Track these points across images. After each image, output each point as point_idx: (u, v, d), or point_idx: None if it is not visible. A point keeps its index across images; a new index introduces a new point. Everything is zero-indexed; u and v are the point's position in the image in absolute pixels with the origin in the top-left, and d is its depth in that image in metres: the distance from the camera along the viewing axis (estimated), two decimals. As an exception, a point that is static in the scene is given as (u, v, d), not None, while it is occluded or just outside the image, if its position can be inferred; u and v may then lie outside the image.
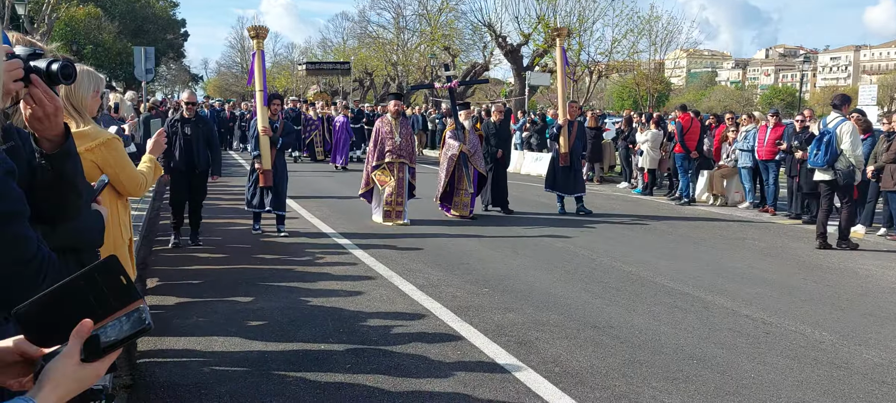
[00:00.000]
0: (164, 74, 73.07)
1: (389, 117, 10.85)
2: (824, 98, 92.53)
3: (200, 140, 8.46)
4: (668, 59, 47.04)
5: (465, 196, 11.19)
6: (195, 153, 8.40)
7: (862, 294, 7.09)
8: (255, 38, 10.03)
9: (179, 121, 8.53)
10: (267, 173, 9.26)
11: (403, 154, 10.59)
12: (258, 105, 9.65)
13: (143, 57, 21.72)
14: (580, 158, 12.60)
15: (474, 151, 11.29)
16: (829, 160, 9.12)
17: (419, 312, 6.03)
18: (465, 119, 11.45)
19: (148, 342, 5.16)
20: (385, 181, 10.43)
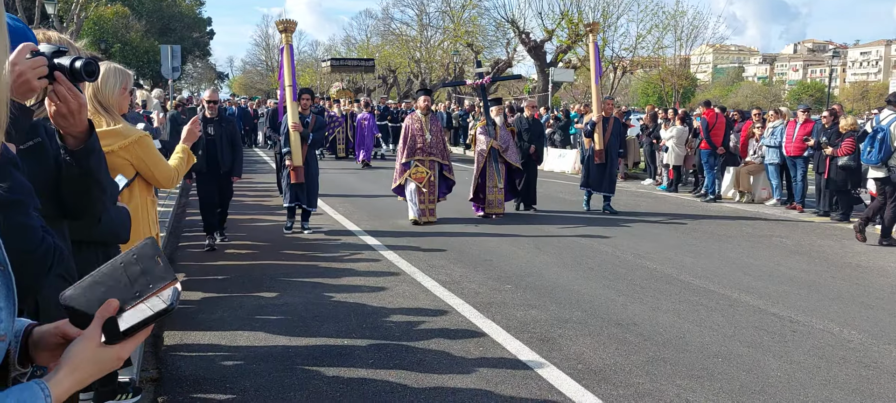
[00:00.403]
0: (191, 72, 73.87)
1: (419, 114, 10.58)
2: (854, 93, 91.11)
3: (224, 139, 8.20)
4: (694, 54, 46.47)
5: (497, 193, 10.99)
6: (219, 153, 8.14)
7: (892, 292, 6.97)
8: (284, 33, 9.81)
9: (202, 121, 8.42)
10: (298, 169, 9.16)
11: (434, 151, 10.38)
12: (288, 100, 9.45)
13: (169, 55, 21.95)
14: (616, 156, 12.29)
15: (506, 147, 11.09)
16: (882, 157, 9.09)
17: (442, 308, 6.04)
18: (496, 115, 11.29)
19: (174, 336, 5.23)
20: (422, 177, 10.23)
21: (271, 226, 9.77)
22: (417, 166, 10.25)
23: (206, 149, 8.07)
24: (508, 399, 4.21)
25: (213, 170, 8.16)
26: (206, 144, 8.04)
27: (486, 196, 10.98)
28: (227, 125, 8.39)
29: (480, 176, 10.98)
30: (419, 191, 10.16)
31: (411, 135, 10.36)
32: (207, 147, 8.08)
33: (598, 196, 12.03)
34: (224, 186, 8.37)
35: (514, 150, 11.28)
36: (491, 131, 11.07)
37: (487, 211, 10.93)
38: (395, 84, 51.04)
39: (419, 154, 10.29)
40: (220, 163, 8.14)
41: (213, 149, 8.12)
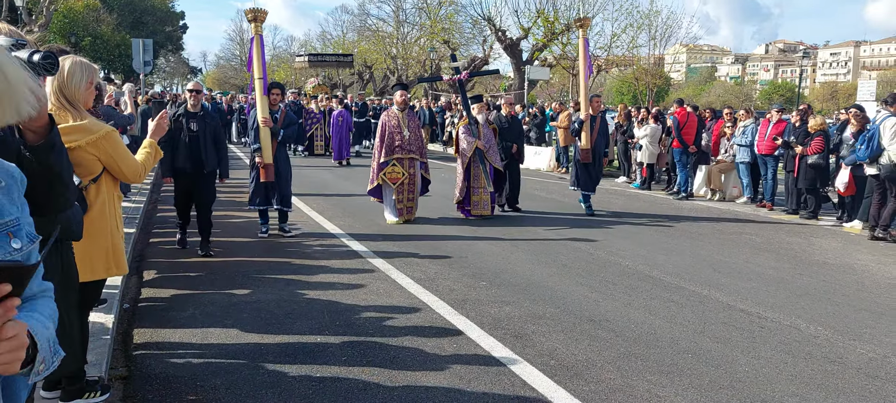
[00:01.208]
0: (163, 67, 73.02)
1: (396, 110, 10.16)
2: (824, 94, 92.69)
3: (208, 136, 7.59)
4: (668, 53, 46.95)
5: (484, 194, 10.62)
6: (202, 151, 7.53)
7: (858, 289, 7.11)
8: (253, 22, 9.08)
9: (184, 116, 7.65)
10: (268, 167, 8.71)
11: (413, 149, 10.03)
12: (257, 94, 8.93)
13: (141, 49, 21.68)
14: (602, 156, 12.02)
15: (489, 146, 10.72)
16: (870, 155, 9.39)
17: (416, 305, 6.03)
18: (477, 112, 10.81)
19: (144, 334, 5.17)
20: (397, 177, 9.92)
21: (244, 223, 9.68)
22: (394, 166, 9.93)
23: (188, 148, 7.50)
24: (481, 396, 4.22)
25: (197, 170, 7.58)
26: (189, 142, 7.50)
27: (470, 197, 10.66)
28: (212, 121, 7.81)
29: (466, 178, 10.62)
30: (399, 190, 9.93)
31: (388, 132, 10.00)
32: (190, 145, 7.51)
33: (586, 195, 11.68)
34: (204, 188, 7.74)
35: (496, 150, 10.97)
36: (473, 130, 10.67)
37: (474, 213, 10.62)
38: (371, 80, 50.89)
39: (398, 152, 9.96)
40: (205, 162, 7.56)
41: (196, 146, 7.53)
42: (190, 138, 7.52)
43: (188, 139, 7.52)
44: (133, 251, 7.75)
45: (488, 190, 10.59)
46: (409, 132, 10.03)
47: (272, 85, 9.05)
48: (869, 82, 32.57)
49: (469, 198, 10.64)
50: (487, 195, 10.63)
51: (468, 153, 10.52)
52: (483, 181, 10.55)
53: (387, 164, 9.94)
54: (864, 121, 11.07)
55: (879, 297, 6.81)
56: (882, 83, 78.32)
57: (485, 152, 10.57)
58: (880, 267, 8.23)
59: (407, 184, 10.00)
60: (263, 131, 8.69)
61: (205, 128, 7.62)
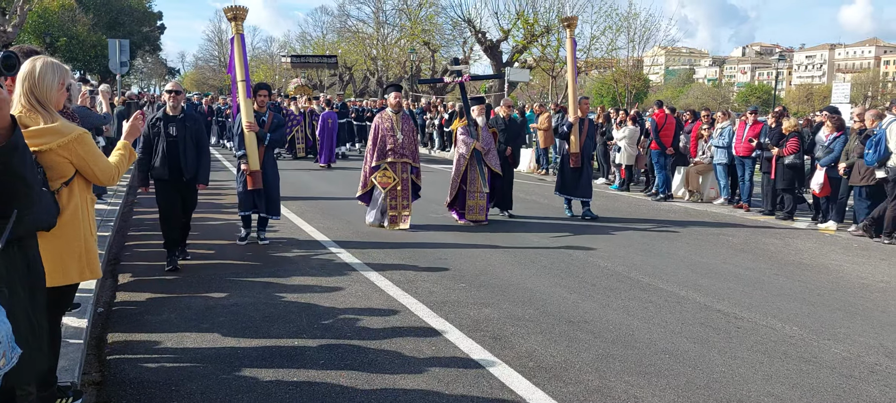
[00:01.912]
0: (140, 67, 72.34)
1: (390, 112, 9.80)
2: (799, 96, 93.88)
3: (188, 141, 7.05)
4: (647, 56, 47.33)
5: (480, 198, 10.29)
6: (182, 157, 7.00)
7: (832, 289, 7.19)
8: (233, 21, 8.49)
9: (162, 119, 7.09)
10: (255, 174, 8.21)
11: (406, 153, 9.69)
12: (241, 97, 8.35)
13: (117, 49, 21.47)
14: (590, 159, 11.77)
15: (488, 149, 10.39)
16: (878, 158, 9.60)
17: (395, 308, 6.01)
18: (478, 115, 10.47)
19: (118, 338, 5.11)
20: (388, 182, 9.58)
21: (221, 225, 9.60)
22: (385, 170, 9.61)
23: (167, 153, 6.98)
24: (460, 399, 4.21)
25: (176, 177, 7.06)
26: (168, 147, 6.99)
27: (466, 201, 10.35)
28: (193, 124, 7.20)
29: (462, 180, 10.31)
30: (391, 195, 9.60)
31: (381, 135, 9.65)
32: (169, 150, 6.99)
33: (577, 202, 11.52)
34: (186, 196, 7.27)
35: (495, 154, 10.63)
36: (473, 132, 10.34)
37: (469, 217, 10.31)
38: (351, 81, 50.75)
39: (390, 155, 9.62)
40: (184, 168, 7.02)
41: (176, 152, 7.01)
42: (168, 143, 6.99)
43: (166, 145, 6.98)
44: (108, 254, 7.64)
45: (484, 193, 10.28)
46: (403, 135, 9.69)
47: (259, 86, 8.59)
48: (843, 85, 33.04)
49: (464, 202, 10.36)
50: (483, 200, 10.33)
51: (466, 155, 10.27)
52: (479, 184, 10.26)
53: (378, 168, 9.63)
54: (839, 124, 11.23)
55: (853, 297, 6.90)
56: (856, 85, 79.60)
57: (483, 154, 10.32)
58: (854, 267, 8.34)
59: (399, 190, 9.64)
60: (249, 136, 8.23)
61: (185, 133, 7.06)
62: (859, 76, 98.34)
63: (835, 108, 12.10)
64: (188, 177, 7.10)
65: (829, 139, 11.08)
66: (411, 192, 9.86)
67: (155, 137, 7.06)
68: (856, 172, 10.30)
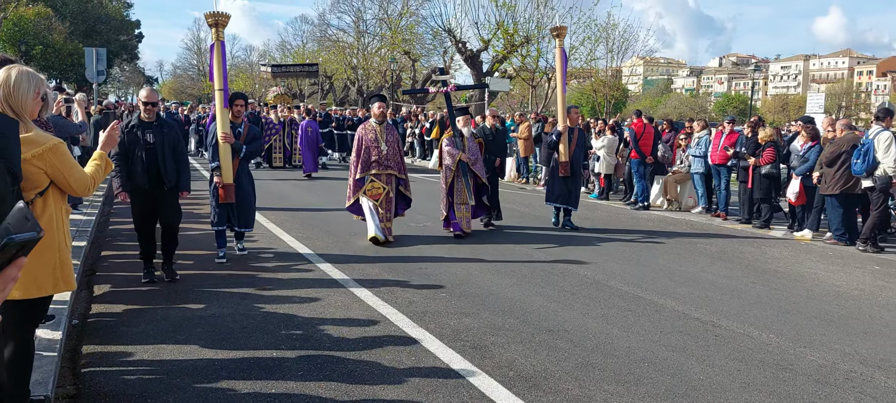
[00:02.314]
0: (118, 76, 71.72)
1: (374, 123, 9.52)
2: (775, 106, 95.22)
3: (166, 148, 6.83)
4: (625, 66, 47.76)
5: (465, 210, 10.11)
6: (162, 164, 6.78)
7: (808, 297, 7.28)
8: (214, 27, 8.14)
9: (138, 127, 6.85)
10: (228, 188, 7.89)
11: (391, 165, 9.44)
12: (217, 106, 8.06)
13: (94, 58, 21.27)
14: (581, 168, 11.67)
15: (475, 160, 10.22)
16: (867, 169, 9.73)
17: (374, 318, 5.99)
18: (463, 125, 10.31)
19: (93, 350, 5.03)
20: (378, 193, 9.35)
21: (199, 236, 9.51)
22: (373, 182, 9.35)
23: (145, 161, 6.74)
24: (439, 409, 4.20)
25: (156, 186, 6.86)
26: (146, 154, 6.75)
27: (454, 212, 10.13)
28: (170, 132, 6.99)
29: (449, 192, 10.14)
30: (376, 210, 9.31)
31: (365, 146, 9.38)
32: (148, 157, 6.76)
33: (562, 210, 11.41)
34: (167, 205, 6.98)
35: (482, 164, 10.47)
36: (458, 143, 10.16)
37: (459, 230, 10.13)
38: (332, 90, 50.66)
39: (375, 167, 9.36)
40: (164, 177, 6.82)
41: (154, 160, 6.79)
42: (147, 151, 6.76)
43: (145, 152, 6.75)
44: (83, 265, 7.54)
45: (470, 205, 10.11)
46: (387, 147, 9.43)
47: (235, 95, 8.30)
48: (818, 95, 33.54)
49: (453, 213, 10.15)
50: (468, 211, 10.15)
51: (452, 166, 10.04)
52: (465, 196, 10.08)
53: (364, 181, 9.39)
54: (813, 134, 11.40)
55: (828, 305, 6.98)
56: (830, 96, 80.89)
57: (470, 165, 10.15)
58: (829, 275, 8.45)
59: (385, 203, 9.42)
60: (223, 148, 7.89)
61: (163, 140, 6.83)
62: (833, 86, 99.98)
63: (809, 118, 12.30)
64: (170, 185, 6.88)
65: (804, 148, 11.24)
66: (399, 205, 9.71)
67: (132, 145, 6.80)
68: (824, 182, 10.47)
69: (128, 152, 6.81)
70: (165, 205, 6.96)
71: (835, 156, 10.27)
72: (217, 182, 7.95)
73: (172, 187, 6.93)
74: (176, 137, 7.05)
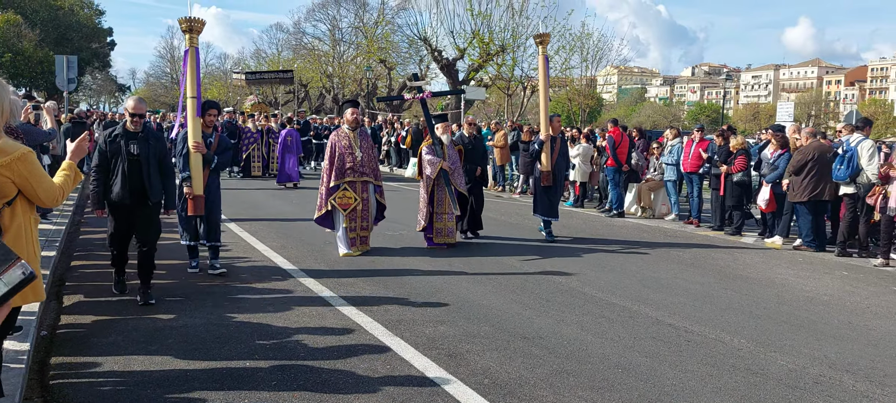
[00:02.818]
0: (90, 84, 70.78)
1: (346, 129, 9.29)
2: (746, 114, 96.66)
3: (151, 161, 6.41)
4: (600, 75, 48.23)
5: (448, 220, 9.89)
6: (146, 179, 6.36)
7: (778, 303, 7.39)
8: (188, 33, 7.79)
9: (122, 136, 6.42)
10: (198, 200, 7.53)
11: (366, 171, 9.22)
12: (189, 115, 7.71)
13: (65, 66, 20.99)
14: (562, 179, 11.44)
15: (454, 168, 9.95)
16: (851, 175, 10.04)
17: (349, 327, 5.96)
18: (442, 132, 10.03)
19: (63, 360, 4.95)
20: (348, 203, 9.11)
21: (171, 244, 9.37)
22: (345, 190, 9.12)
23: (128, 173, 6.32)
24: (414, 417, 4.19)
25: (139, 202, 6.41)
26: (129, 167, 6.32)
27: (433, 224, 9.92)
28: (157, 143, 6.55)
29: (430, 202, 9.88)
30: (350, 217, 9.12)
31: (339, 153, 9.13)
32: (131, 170, 6.33)
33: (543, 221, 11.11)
34: (147, 222, 6.54)
35: (461, 173, 10.21)
36: (438, 151, 9.88)
37: (438, 241, 9.91)
38: (307, 99, 50.47)
39: (349, 174, 9.13)
40: (149, 191, 6.39)
41: (138, 173, 6.36)
42: (130, 163, 6.32)
43: (127, 164, 6.31)
44: (52, 275, 7.42)
45: (454, 214, 9.88)
46: (362, 153, 9.21)
47: (208, 104, 8.00)
48: (787, 104, 34.19)
49: (432, 225, 9.93)
50: (452, 221, 9.96)
51: (433, 175, 9.79)
52: (447, 205, 9.84)
53: (337, 189, 9.11)
54: (783, 142, 11.58)
55: (798, 310, 7.09)
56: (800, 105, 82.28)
57: (450, 174, 9.86)
58: (798, 281, 8.58)
59: (360, 211, 9.20)
60: (194, 158, 7.53)
61: (148, 151, 6.40)
62: (803, 95, 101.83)
63: (780, 126, 12.49)
64: (154, 200, 6.48)
65: (774, 156, 11.41)
66: (374, 212, 9.49)
67: (114, 156, 6.36)
68: (793, 189, 10.65)
69: (109, 164, 6.40)
70: (144, 222, 6.51)
71: (802, 163, 10.46)
72: (187, 193, 7.57)
73: (156, 203, 6.54)
74: (163, 149, 6.63)
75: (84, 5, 52.83)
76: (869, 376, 5.15)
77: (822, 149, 10.57)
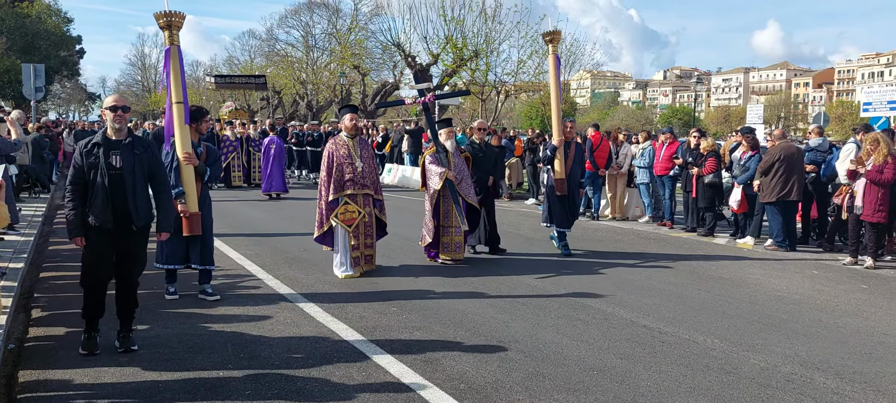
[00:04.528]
0: (58, 93, 69.67)
1: (345, 137, 8.40)
2: (718, 117, 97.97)
3: (138, 175, 5.24)
4: (574, 79, 48.61)
5: (455, 234, 9.08)
6: (131, 196, 5.18)
7: (750, 303, 7.48)
8: (167, 30, 6.79)
9: (101, 146, 5.20)
10: (194, 217, 6.66)
11: (367, 183, 8.33)
12: (176, 123, 6.71)
13: (32, 74, 20.65)
14: (577, 187, 10.52)
15: (462, 178, 9.16)
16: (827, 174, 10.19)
17: (324, 334, 5.92)
18: (446, 139, 9.23)
19: (30, 375, 4.85)
20: (352, 218, 8.21)
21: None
22: (347, 204, 8.22)
23: (110, 191, 5.11)
24: (390, 424, 4.17)
25: (122, 225, 5.20)
26: (111, 183, 5.12)
27: (439, 239, 9.14)
28: (145, 153, 5.34)
29: (434, 215, 9.13)
30: (355, 234, 8.23)
31: (337, 164, 8.21)
32: (112, 186, 5.12)
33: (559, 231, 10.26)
34: (133, 250, 5.38)
35: (469, 183, 9.36)
36: (443, 159, 9.06)
37: (445, 258, 9.12)
38: (280, 105, 50.16)
39: (349, 186, 8.22)
40: (133, 212, 5.20)
41: (122, 189, 5.15)
42: (111, 178, 5.13)
43: (108, 180, 5.12)
44: (21, 287, 7.27)
45: (462, 229, 9.07)
46: (363, 163, 8.31)
47: (197, 110, 7.12)
48: (757, 106, 34.74)
49: (437, 240, 9.16)
50: (460, 236, 9.15)
51: (437, 186, 8.97)
52: (454, 219, 9.03)
53: (337, 203, 8.23)
54: (754, 143, 11.75)
55: (769, 309, 7.19)
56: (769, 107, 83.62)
57: (457, 184, 9.04)
58: (770, 280, 8.70)
59: (363, 226, 8.32)
60: (186, 170, 6.66)
61: (134, 163, 5.22)
62: (772, 98, 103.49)
63: (749, 128, 12.68)
64: (140, 224, 5.28)
65: (745, 158, 11.57)
66: (376, 229, 8.58)
67: (91, 169, 5.17)
68: (762, 190, 10.81)
69: (85, 179, 5.21)
70: (127, 251, 5.34)
71: (769, 164, 10.62)
72: (182, 211, 6.62)
73: (143, 227, 5.37)
74: (153, 161, 5.45)
75: (52, 13, 51.96)
76: (839, 373, 5.23)
77: (789, 149, 10.74)
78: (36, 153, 15.33)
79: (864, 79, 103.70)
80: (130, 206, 5.18)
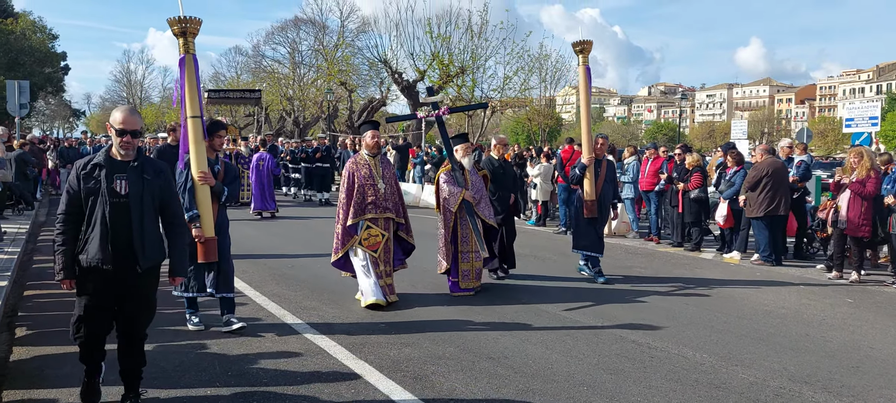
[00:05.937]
0: (43, 109, 69.20)
1: (366, 155, 7.72)
2: (702, 132, 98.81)
3: (147, 205, 4.32)
4: (559, 95, 48.87)
5: (476, 260, 8.32)
6: (137, 232, 4.25)
7: (738, 317, 7.51)
8: (182, 37, 6.19)
9: (104, 167, 4.26)
10: (210, 243, 6.12)
11: (389, 205, 7.69)
12: (191, 139, 6.16)
13: (16, 91, 20.48)
14: (609, 208, 9.65)
15: (479, 198, 8.48)
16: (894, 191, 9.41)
17: (312, 351, 5.88)
18: (462, 155, 8.48)
19: (15, 395, 4.78)
20: (377, 242, 7.57)
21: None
22: (370, 228, 7.57)
23: (109, 224, 4.17)
24: (380, 442, 4.14)
25: (123, 266, 4.23)
26: (112, 213, 4.19)
27: (458, 265, 8.33)
28: (156, 177, 4.41)
29: (452, 239, 8.39)
30: (375, 262, 7.57)
31: (358, 185, 7.58)
32: (114, 218, 4.19)
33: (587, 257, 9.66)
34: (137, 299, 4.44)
35: (488, 204, 8.68)
36: (459, 178, 8.38)
37: (464, 286, 8.29)
38: (267, 121, 50.05)
39: (371, 210, 7.58)
40: (138, 250, 4.25)
41: (125, 222, 4.23)
42: (112, 207, 4.21)
43: (109, 209, 4.20)
44: (5, 305, 7.18)
45: (482, 255, 8.35)
46: (385, 184, 7.67)
47: (215, 124, 6.57)
48: (741, 122, 35.05)
49: (457, 268, 8.36)
50: (480, 262, 8.40)
51: (453, 207, 8.29)
52: (473, 243, 8.27)
53: (358, 228, 7.57)
54: (738, 158, 11.86)
55: (757, 324, 7.22)
56: (753, 123, 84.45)
57: (474, 205, 8.40)
58: (757, 295, 8.75)
59: (384, 253, 7.67)
60: (202, 191, 6.11)
61: (143, 191, 4.30)
62: (756, 113, 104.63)
63: (731, 144, 12.81)
64: (145, 266, 4.31)
65: (730, 173, 11.67)
66: (397, 253, 7.97)
67: (90, 196, 4.23)
68: (749, 205, 10.89)
69: (81, 206, 4.26)
70: (133, 298, 4.41)
71: (757, 179, 10.71)
72: (197, 236, 6.06)
73: (151, 268, 4.40)
74: (166, 189, 4.48)
75: (37, 29, 51.66)
76: (827, 387, 5.26)
77: (776, 165, 10.84)
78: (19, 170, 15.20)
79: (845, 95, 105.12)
80: (136, 242, 4.23)
